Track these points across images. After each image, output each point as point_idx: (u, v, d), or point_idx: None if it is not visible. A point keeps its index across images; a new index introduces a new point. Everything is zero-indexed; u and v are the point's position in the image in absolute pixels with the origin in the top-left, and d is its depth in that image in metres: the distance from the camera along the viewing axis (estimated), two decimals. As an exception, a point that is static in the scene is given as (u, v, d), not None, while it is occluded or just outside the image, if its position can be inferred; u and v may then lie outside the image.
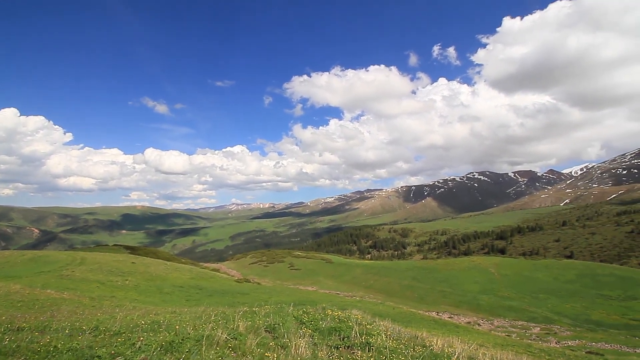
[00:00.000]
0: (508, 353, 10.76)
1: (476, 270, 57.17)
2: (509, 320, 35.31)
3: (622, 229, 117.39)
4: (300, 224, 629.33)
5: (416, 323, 22.36)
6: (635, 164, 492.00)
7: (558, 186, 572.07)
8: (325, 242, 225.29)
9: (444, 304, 43.50)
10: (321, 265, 73.14)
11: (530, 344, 20.67)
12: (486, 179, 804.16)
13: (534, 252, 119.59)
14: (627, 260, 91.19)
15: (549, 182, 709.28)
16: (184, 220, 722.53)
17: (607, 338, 27.79)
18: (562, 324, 33.72)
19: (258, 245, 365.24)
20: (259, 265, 76.70)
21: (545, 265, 57.18)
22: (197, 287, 32.06)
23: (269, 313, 8.54)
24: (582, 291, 44.58)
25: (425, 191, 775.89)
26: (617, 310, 37.20)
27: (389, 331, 7.46)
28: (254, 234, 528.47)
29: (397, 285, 53.92)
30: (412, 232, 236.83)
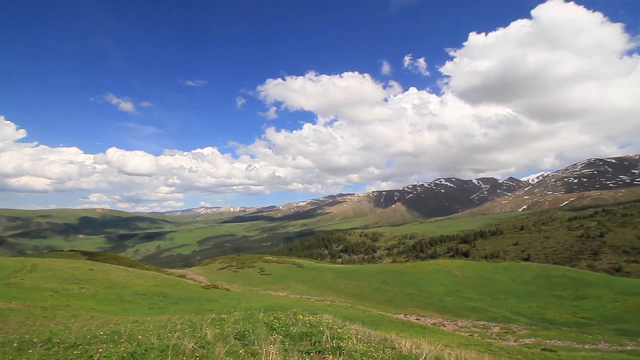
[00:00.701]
0: (471, 352, 11.23)
1: (442, 273, 59.24)
2: (471, 321, 36.85)
3: (573, 234, 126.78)
4: (272, 228, 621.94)
5: (385, 326, 22.76)
6: (585, 174, 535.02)
7: (517, 193, 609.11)
8: (297, 247, 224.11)
9: (411, 306, 44.62)
10: (292, 269, 72.58)
11: (491, 343, 21.70)
12: (452, 185, 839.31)
13: (495, 255, 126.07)
14: (578, 263, 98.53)
15: (509, 189, 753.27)
16: (148, 224, 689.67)
17: (560, 335, 29.77)
18: (519, 323, 35.70)
19: (228, 250, 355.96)
20: (228, 270, 74.75)
21: (505, 268, 60.38)
22: (161, 294, 30.66)
23: (239, 320, 8.35)
24: (537, 292, 47.49)
25: (395, 196, 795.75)
26: (569, 309, 40.01)
27: (359, 335, 7.55)
28: (223, 238, 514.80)
29: (367, 288, 54.64)
30: (382, 236, 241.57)
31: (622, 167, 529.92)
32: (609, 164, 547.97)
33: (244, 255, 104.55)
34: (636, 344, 26.76)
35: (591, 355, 20.64)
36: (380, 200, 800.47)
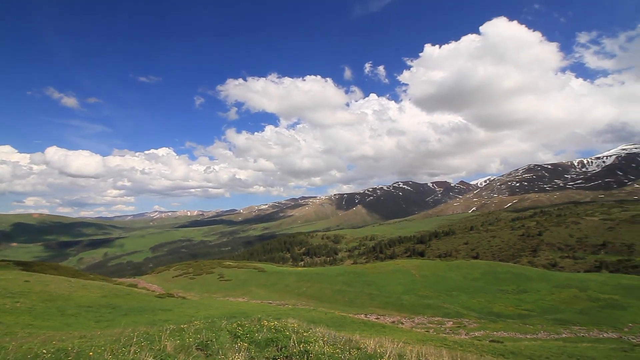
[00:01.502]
0: (429, 348, 11.78)
1: (400, 272, 61.47)
2: (427, 317, 38.64)
3: (515, 233, 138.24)
4: (232, 232, 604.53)
5: (348, 326, 23.10)
6: (525, 178, 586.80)
7: (467, 195, 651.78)
8: (258, 251, 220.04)
9: (371, 306, 45.73)
10: (253, 274, 71.07)
11: (446, 338, 22.92)
12: (409, 188, 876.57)
13: (448, 254, 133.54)
14: (520, 259, 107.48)
15: (460, 192, 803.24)
16: (94, 230, 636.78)
17: (505, 327, 32.24)
18: (470, 317, 38.10)
19: (184, 256, 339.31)
20: (184, 277, 71.29)
21: (457, 266, 64.17)
22: (109, 305, 28.42)
23: (200, 329, 8.00)
24: (485, 287, 51.05)
25: (356, 199, 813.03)
26: (513, 303, 43.48)
27: (325, 337, 7.60)
28: (179, 244, 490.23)
29: (329, 290, 55.08)
30: (343, 238, 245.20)
31: (556, 172, 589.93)
32: (546, 169, 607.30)
33: (202, 261, 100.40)
34: (570, 332, 29.80)
35: (532, 344, 22.58)
36: (342, 203, 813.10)
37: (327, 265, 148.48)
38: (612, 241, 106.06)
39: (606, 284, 45.86)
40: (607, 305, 38.15)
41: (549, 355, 16.48)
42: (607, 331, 29.82)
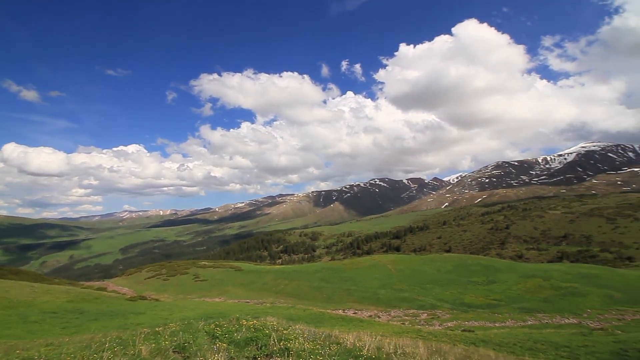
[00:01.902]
0: (406, 339, 12.15)
1: (376, 267, 62.66)
2: (403, 310, 39.69)
3: (485, 227, 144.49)
4: (207, 231, 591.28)
5: (327, 322, 23.32)
6: (494, 174, 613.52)
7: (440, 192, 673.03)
8: (235, 250, 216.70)
9: (349, 301, 46.36)
10: (230, 273, 69.99)
11: (421, 329, 23.68)
12: (385, 185, 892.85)
13: (423, 248, 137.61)
14: (489, 252, 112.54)
15: (434, 188, 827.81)
16: (58, 232, 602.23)
17: (476, 317, 33.71)
18: (443, 309, 39.53)
19: (157, 257, 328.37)
20: (157, 279, 69.05)
21: (431, 259, 66.27)
22: (77, 311, 27.07)
23: (176, 331, 7.82)
24: (457, 279, 53.09)
25: (333, 196, 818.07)
26: (482, 293, 45.51)
27: (305, 334, 7.65)
28: (151, 244, 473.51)
29: (307, 287, 55.26)
30: (321, 235, 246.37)
31: (522, 169, 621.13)
32: (513, 166, 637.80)
33: (175, 261, 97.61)
34: (535, 319, 31.61)
35: (501, 331, 23.76)
36: (320, 200, 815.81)
37: (305, 263, 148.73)
38: (572, 233, 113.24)
39: (567, 273, 48.96)
40: (568, 293, 40.79)
41: (516, 342, 17.42)
42: (568, 317, 31.91)
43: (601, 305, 35.85)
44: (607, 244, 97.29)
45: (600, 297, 38.60)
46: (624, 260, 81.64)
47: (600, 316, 31.73)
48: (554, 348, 16.18)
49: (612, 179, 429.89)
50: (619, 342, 16.89)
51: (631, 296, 38.33)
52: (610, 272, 50.68)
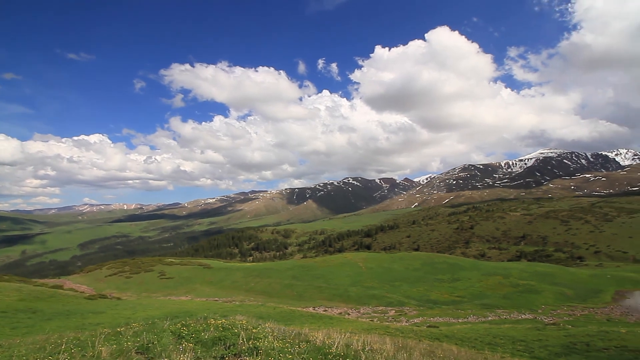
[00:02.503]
0: (374, 336, 12.39)
1: (348, 265, 63.49)
2: (372, 307, 40.52)
3: (451, 226, 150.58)
4: (175, 227, 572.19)
5: (297, 320, 23.31)
6: (461, 177, 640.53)
7: (411, 192, 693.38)
8: (204, 246, 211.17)
9: (319, 299, 46.65)
10: (198, 271, 68.13)
11: (388, 326, 24.29)
12: (358, 184, 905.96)
13: (392, 246, 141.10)
14: (454, 250, 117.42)
15: (405, 188, 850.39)
16: (9, 225, 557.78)
17: (441, 313, 35.07)
18: (410, 306, 40.79)
19: (119, 253, 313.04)
20: (119, 276, 65.87)
21: (400, 257, 68.11)
22: (29, 310, 25.24)
23: (140, 331, 7.47)
24: (424, 277, 54.97)
25: (307, 194, 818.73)
26: (447, 290, 47.43)
27: (275, 332, 7.58)
28: (113, 240, 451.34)
29: (278, 285, 54.97)
30: (294, 232, 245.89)
31: (487, 172, 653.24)
32: (478, 169, 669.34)
33: (140, 258, 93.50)
34: (495, 315, 33.38)
35: (464, 327, 24.88)
36: (293, 197, 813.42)
37: (276, 260, 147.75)
38: (530, 234, 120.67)
39: (525, 272, 52.15)
40: (525, 290, 43.46)
41: (477, 337, 18.31)
42: (525, 313, 34.00)
43: (554, 302, 38.51)
44: (560, 244, 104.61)
45: (554, 294, 41.46)
46: (575, 259, 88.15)
47: (553, 312, 34.08)
48: (511, 342, 17.17)
49: (566, 184, 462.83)
50: (569, 336, 18.22)
51: (581, 293, 41.49)
52: (563, 270, 54.58)
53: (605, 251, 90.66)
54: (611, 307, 35.04)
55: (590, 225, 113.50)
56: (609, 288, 42.71)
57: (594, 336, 17.38)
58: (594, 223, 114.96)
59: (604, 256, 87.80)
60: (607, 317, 31.07)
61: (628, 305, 35.52)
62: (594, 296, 39.84)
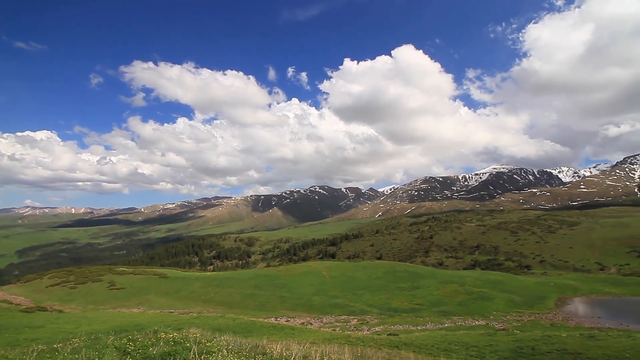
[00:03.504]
0: (333, 346, 12.29)
1: (312, 274, 63.15)
2: (335, 316, 40.45)
3: (412, 236, 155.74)
4: (129, 233, 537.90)
5: (257, 331, 22.59)
6: (422, 188, 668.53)
7: (375, 202, 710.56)
8: (161, 255, 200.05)
9: (282, 309, 45.79)
10: (153, 281, 64.24)
11: (350, 335, 24.29)
12: (325, 192, 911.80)
13: (356, 255, 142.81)
14: (415, 259, 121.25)
15: (369, 198, 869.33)
16: None
17: (401, 321, 35.80)
18: (372, 314, 41.26)
19: (64, 261, 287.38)
20: (62, 287, 60.32)
21: (363, 266, 69.02)
22: (-52, 326, 22.20)
23: (79, 348, 6.77)
24: (386, 285, 56.06)
25: (273, 201, 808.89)
26: (407, 298, 48.67)
27: (230, 345, 7.21)
28: (58, 246, 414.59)
29: (239, 295, 53.26)
30: (258, 240, 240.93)
31: (446, 184, 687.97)
32: (438, 181, 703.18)
33: (87, 267, 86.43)
34: (451, 322, 34.66)
35: (422, 334, 25.53)
36: (259, 204, 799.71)
37: (239, 269, 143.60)
38: (484, 243, 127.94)
39: (478, 279, 54.98)
40: (479, 297, 45.75)
41: (434, 344, 18.84)
42: (478, 319, 35.69)
43: (504, 308, 40.86)
44: (510, 253, 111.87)
45: (504, 300, 44.02)
46: (523, 268, 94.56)
47: (503, 318, 36.09)
48: (464, 348, 17.85)
49: (516, 197, 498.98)
50: (517, 340, 19.32)
51: (528, 300, 44.43)
52: (512, 278, 58.24)
53: (549, 260, 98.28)
54: (554, 312, 37.83)
55: (536, 236, 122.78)
56: (552, 295, 46.17)
57: (538, 340, 18.57)
58: (540, 234, 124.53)
59: (548, 265, 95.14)
60: (551, 322, 33.47)
61: (569, 310, 38.57)
62: (539, 302, 42.80)
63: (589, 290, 48.33)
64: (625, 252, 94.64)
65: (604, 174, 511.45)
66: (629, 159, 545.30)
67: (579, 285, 51.68)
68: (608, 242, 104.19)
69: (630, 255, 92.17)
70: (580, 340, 17.92)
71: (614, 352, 15.29)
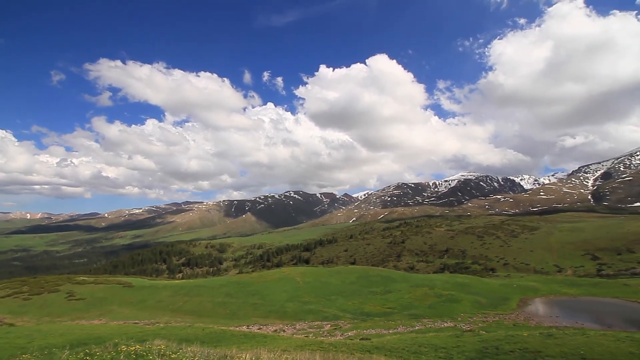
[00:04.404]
0: (305, 353, 12.15)
1: (285, 280, 62.44)
2: (308, 322, 40.16)
3: (385, 241, 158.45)
4: (91, 240, 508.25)
5: (227, 341, 21.93)
6: (395, 194, 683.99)
7: (349, 207, 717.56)
8: (126, 262, 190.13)
9: (254, 316, 44.84)
10: (116, 290, 60.88)
11: (323, 341, 24.17)
12: (299, 197, 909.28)
13: (330, 260, 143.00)
14: (387, 264, 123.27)
15: (344, 203, 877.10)
16: None
17: (373, 325, 36.14)
18: (345, 319, 41.36)
19: (17, 270, 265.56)
20: (14, 298, 55.72)
21: (337, 271, 69.21)
22: None
23: (26, 365, 6.23)
24: (360, 290, 56.49)
25: (246, 206, 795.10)
26: (380, 302, 49.28)
27: (196, 356, 6.92)
28: (10, 254, 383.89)
29: (210, 303, 51.61)
30: (230, 247, 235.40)
31: (417, 190, 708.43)
32: (410, 187, 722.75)
33: (43, 276, 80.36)
34: (421, 324, 35.43)
35: (393, 337, 25.87)
36: (232, 209, 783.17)
37: (209, 277, 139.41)
38: (452, 247, 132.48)
39: (447, 282, 56.74)
40: (448, 300, 47.17)
41: (404, 347, 19.15)
42: (446, 321, 36.74)
43: (471, 310, 42.37)
44: (477, 257, 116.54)
45: (471, 302, 45.67)
46: (488, 271, 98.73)
47: (470, 319, 37.40)
48: (434, 350, 18.28)
49: (482, 203, 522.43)
50: (482, 341, 20.06)
51: (493, 301, 46.35)
52: (478, 281, 60.61)
53: (512, 263, 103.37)
54: (517, 313, 39.71)
55: (501, 240, 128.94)
56: (515, 296, 48.48)
57: (502, 340, 19.39)
58: (503, 238, 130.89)
59: (511, 268, 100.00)
60: (514, 322, 35.10)
61: (530, 311, 40.64)
62: (503, 303, 44.79)
63: (548, 291, 51.21)
64: (580, 255, 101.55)
65: (561, 182, 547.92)
66: (583, 168, 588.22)
67: (539, 286, 54.66)
68: (565, 246, 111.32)
69: (585, 257, 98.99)
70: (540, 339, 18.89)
71: (570, 350, 16.26)
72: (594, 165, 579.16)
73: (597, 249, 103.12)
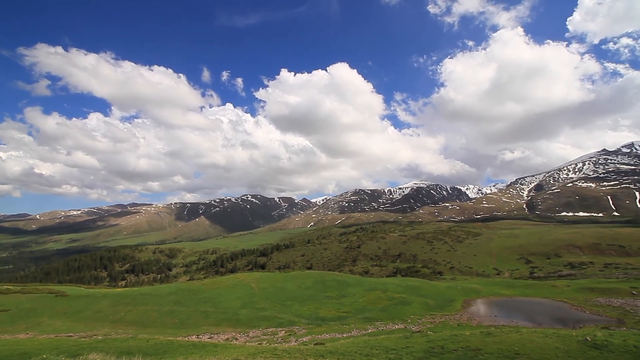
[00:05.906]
0: (259, 361, 11.85)
1: (239, 286, 60.59)
2: (262, 329, 39.25)
3: (341, 245, 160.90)
4: (19, 244, 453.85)
5: (174, 352, 20.67)
6: (352, 200, 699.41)
7: (308, 212, 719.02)
8: (59, 269, 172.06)
9: (205, 325, 42.84)
10: (47, 300, 54.77)
11: (276, 347, 23.75)
12: (257, 201, 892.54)
13: (287, 265, 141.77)
14: (343, 268, 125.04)
15: (302, 208, 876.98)
16: None
17: (328, 329, 36.31)
18: (300, 324, 41.08)
19: None
20: None
21: (293, 276, 68.70)
22: None
23: None
24: (315, 295, 56.53)
25: (200, 209, 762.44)
26: (335, 307, 49.70)
27: (138, 370, 6.42)
28: None
29: (156, 312, 48.36)
30: (181, 252, 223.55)
31: (374, 197, 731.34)
32: (367, 194, 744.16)
33: (-44, 286, 69.87)
34: (374, 327, 36.32)
35: (347, 341, 26.18)
36: (184, 213, 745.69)
37: (156, 284, 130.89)
38: (405, 252, 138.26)
39: (399, 286, 58.93)
40: (399, 303, 48.96)
41: (357, 350, 19.47)
42: (397, 323, 38.05)
43: (420, 312, 44.38)
44: (426, 261, 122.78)
45: (420, 304, 47.85)
46: (436, 274, 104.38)
47: (419, 320, 39.14)
48: (385, 351, 18.81)
49: (432, 210, 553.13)
50: (429, 341, 21.05)
51: (440, 303, 48.99)
52: (427, 284, 63.76)
53: (458, 267, 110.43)
54: (461, 313, 42.34)
55: (448, 245, 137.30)
56: (460, 298, 51.71)
57: (447, 340, 20.52)
58: (450, 244, 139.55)
59: (457, 271, 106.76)
60: (458, 322, 37.36)
61: (472, 311, 43.57)
62: (449, 305, 47.53)
63: (489, 292, 55.36)
64: (515, 259, 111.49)
65: (501, 192, 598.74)
66: (519, 180, 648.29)
67: (481, 288, 58.89)
68: (503, 251, 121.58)
69: (520, 261, 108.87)
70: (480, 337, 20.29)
71: (506, 346, 17.66)
72: (529, 177, 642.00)
73: (530, 254, 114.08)
